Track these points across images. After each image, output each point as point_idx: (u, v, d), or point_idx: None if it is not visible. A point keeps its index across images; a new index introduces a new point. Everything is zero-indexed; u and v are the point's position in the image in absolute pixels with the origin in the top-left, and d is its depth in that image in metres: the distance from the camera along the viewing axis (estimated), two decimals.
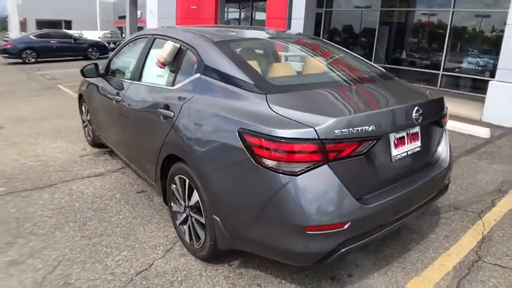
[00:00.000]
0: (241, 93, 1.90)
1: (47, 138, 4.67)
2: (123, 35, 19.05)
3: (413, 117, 1.87)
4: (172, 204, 2.42)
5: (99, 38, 22.71)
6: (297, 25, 10.06)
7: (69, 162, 3.90)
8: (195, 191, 2.07)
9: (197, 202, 2.07)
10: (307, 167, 1.59)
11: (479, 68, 9.17)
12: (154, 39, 2.84)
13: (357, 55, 2.82)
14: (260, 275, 2.13)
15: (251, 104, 1.81)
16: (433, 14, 10.52)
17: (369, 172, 1.76)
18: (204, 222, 2.05)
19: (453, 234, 2.61)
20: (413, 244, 2.46)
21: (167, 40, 2.61)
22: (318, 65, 2.58)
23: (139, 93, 2.74)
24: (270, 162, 1.62)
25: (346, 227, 1.64)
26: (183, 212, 2.30)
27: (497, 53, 6.53)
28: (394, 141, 1.86)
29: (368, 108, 1.78)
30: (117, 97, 3.05)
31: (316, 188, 1.61)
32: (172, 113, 2.20)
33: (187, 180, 2.13)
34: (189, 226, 2.25)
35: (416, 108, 1.87)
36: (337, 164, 1.62)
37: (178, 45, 2.46)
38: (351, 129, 1.62)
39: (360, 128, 1.64)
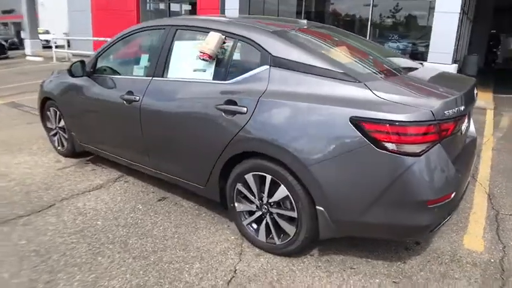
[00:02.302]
0: (334, 82, 1.87)
1: (0, 154, 3.84)
2: (21, 32, 15.98)
3: (474, 95, 2.12)
4: (236, 204, 2.28)
5: None
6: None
7: (51, 178, 3.30)
8: (282, 186, 2.00)
9: (286, 197, 2.00)
10: (427, 147, 1.69)
11: (399, 52, 10.47)
12: (176, 30, 2.56)
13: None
14: (346, 259, 2.18)
15: (353, 92, 1.81)
16: (356, 3, 11.55)
17: (455, 145, 1.94)
18: (296, 216, 2.00)
19: (466, 195, 3.04)
20: None
21: (202, 32, 2.39)
22: (367, 53, 2.59)
23: (172, 91, 2.46)
24: (393, 146, 1.67)
25: (452, 196, 1.81)
26: (256, 211, 2.19)
27: (416, 38, 7.52)
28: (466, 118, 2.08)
29: (453, 90, 1.95)
30: (130, 97, 2.68)
31: (434, 165, 1.72)
32: (245, 108, 2.05)
33: (268, 177, 2.04)
34: (266, 224, 2.16)
35: (475, 87, 2.12)
36: (444, 141, 1.76)
37: (224, 37, 2.28)
38: (452, 110, 1.76)
39: (457, 109, 1.80)
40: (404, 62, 2.57)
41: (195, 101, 2.32)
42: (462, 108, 1.85)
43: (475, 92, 2.21)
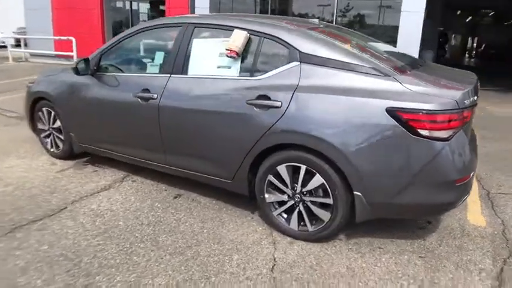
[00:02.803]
0: (365, 77, 2.01)
1: None
2: None
3: (478, 87, 2.37)
4: (266, 195, 2.35)
5: None
6: None
7: (51, 181, 3.14)
8: (317, 175, 2.11)
9: (321, 185, 2.12)
10: (453, 132, 1.88)
11: None
12: (194, 28, 2.56)
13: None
14: (372, 240, 2.34)
15: (385, 85, 1.96)
16: (320, 4, 11.94)
17: (468, 131, 2.17)
18: (331, 203, 2.12)
19: None
20: None
21: (224, 30, 2.43)
22: (378, 49, 2.69)
23: (195, 88, 2.46)
24: (426, 132, 1.85)
25: (471, 176, 2.03)
26: (288, 200, 2.29)
27: (381, 36, 7.93)
28: None
29: (466, 83, 2.16)
30: (146, 94, 2.63)
31: (459, 148, 1.93)
32: (279, 102, 2.13)
33: (303, 167, 2.14)
34: (299, 212, 2.26)
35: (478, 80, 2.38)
36: (465, 127, 1.97)
37: (248, 35, 2.33)
38: (469, 99, 1.97)
39: (472, 98, 2.01)
40: (409, 57, 2.79)
41: (223, 96, 2.36)
42: (475, 97, 2.08)
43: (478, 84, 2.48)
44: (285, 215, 2.35)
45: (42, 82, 3.49)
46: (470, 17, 22.47)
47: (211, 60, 2.50)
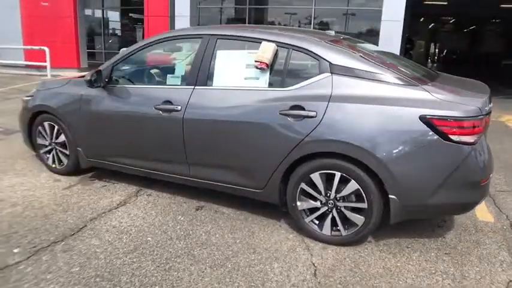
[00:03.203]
0: (395, 87, 2.15)
1: None
2: None
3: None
4: (299, 203, 2.40)
5: None
6: (182, 24, 9.73)
7: (60, 198, 3.00)
8: (352, 181, 2.20)
9: (355, 191, 2.21)
10: (478, 137, 2.05)
11: None
12: (217, 40, 2.59)
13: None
14: (398, 241, 2.46)
15: (415, 94, 2.10)
16: (294, 13, 12.31)
17: (485, 136, 2.37)
18: (365, 207, 2.22)
19: None
20: None
21: (250, 42, 2.49)
22: (399, 61, 2.80)
23: (222, 99, 2.49)
24: (456, 138, 2.00)
25: (491, 176, 2.22)
26: (321, 207, 2.36)
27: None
28: None
29: (482, 92, 2.33)
30: (168, 106, 2.61)
31: (482, 151, 2.11)
32: (314, 112, 2.20)
33: (338, 174, 2.22)
34: (332, 218, 2.34)
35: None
36: (484, 132, 2.16)
37: (276, 47, 2.40)
38: (487, 106, 2.17)
39: (489, 106, 2.21)
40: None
41: (253, 107, 2.40)
42: (491, 105, 2.28)
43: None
44: (317, 221, 2.42)
45: (42, 95, 3.34)
46: (432, 24, 24.08)
47: (237, 72, 2.54)
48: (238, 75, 2.53)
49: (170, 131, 2.67)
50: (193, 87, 2.61)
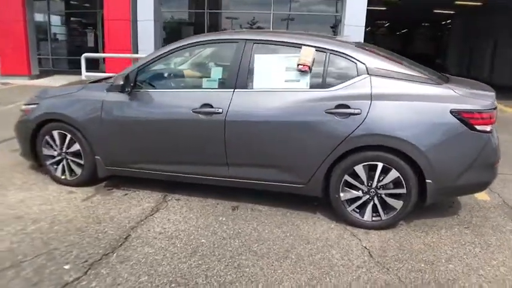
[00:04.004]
0: (425, 85, 2.47)
1: None
2: None
3: None
4: (342, 194, 2.61)
5: None
6: (145, 28, 9.37)
7: (86, 210, 2.84)
8: (393, 170, 2.47)
9: (396, 179, 2.49)
10: (492, 126, 2.46)
11: None
12: (253, 44, 2.69)
13: None
14: (425, 221, 2.78)
15: (442, 92, 2.44)
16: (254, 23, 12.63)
17: None
18: (404, 192, 2.50)
19: None
20: None
21: (289, 46, 2.66)
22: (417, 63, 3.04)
23: (266, 101, 2.61)
24: (479, 127, 2.38)
25: (500, 159, 2.66)
26: (363, 195, 2.59)
27: None
28: None
29: (489, 89, 2.70)
30: (209, 109, 2.65)
31: (495, 138, 2.52)
32: (359, 110, 2.43)
33: (380, 164, 2.48)
34: (373, 205, 2.59)
35: None
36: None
37: (314, 50, 2.59)
38: (495, 101, 2.60)
39: (496, 100, 2.65)
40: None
41: (297, 107, 2.55)
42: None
43: None
44: (358, 210, 2.65)
45: (51, 103, 3.12)
46: (369, 28, 26.21)
47: (277, 75, 2.68)
48: (279, 77, 2.67)
49: (210, 133, 2.71)
50: (233, 90, 2.68)
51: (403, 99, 2.45)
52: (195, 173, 2.91)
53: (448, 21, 20.17)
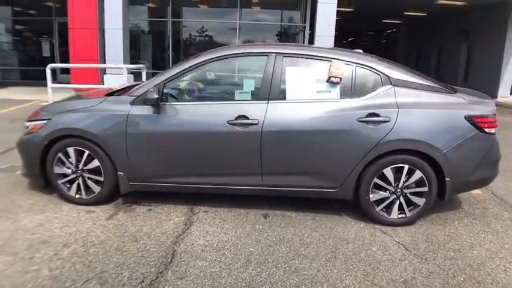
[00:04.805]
0: (440, 94, 2.80)
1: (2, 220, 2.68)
2: None
3: None
4: (371, 195, 2.82)
5: None
6: (114, 37, 8.96)
7: (116, 229, 2.72)
8: (417, 171, 2.74)
9: (419, 178, 2.76)
10: (496, 129, 2.86)
11: None
12: (283, 57, 2.83)
13: None
14: (437, 215, 3.10)
15: (455, 100, 2.78)
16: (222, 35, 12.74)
17: None
18: (427, 190, 2.78)
19: None
20: None
21: (319, 60, 2.84)
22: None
23: (301, 111, 2.76)
24: (488, 130, 2.75)
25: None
26: (391, 195, 2.83)
27: None
28: None
29: (488, 97, 3.09)
30: (244, 121, 2.72)
31: (497, 139, 2.91)
32: (388, 118, 2.67)
33: (406, 166, 2.74)
34: (399, 204, 2.84)
35: None
36: None
37: (344, 64, 2.80)
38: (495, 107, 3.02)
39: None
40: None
41: (330, 117, 2.73)
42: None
43: None
44: (384, 209, 2.88)
45: (66, 118, 2.92)
46: None
47: (308, 86, 2.83)
48: (310, 89, 2.84)
49: (246, 144, 2.77)
50: (267, 101, 2.78)
51: (424, 107, 2.76)
52: (225, 184, 2.93)
53: (394, 29, 22.32)
